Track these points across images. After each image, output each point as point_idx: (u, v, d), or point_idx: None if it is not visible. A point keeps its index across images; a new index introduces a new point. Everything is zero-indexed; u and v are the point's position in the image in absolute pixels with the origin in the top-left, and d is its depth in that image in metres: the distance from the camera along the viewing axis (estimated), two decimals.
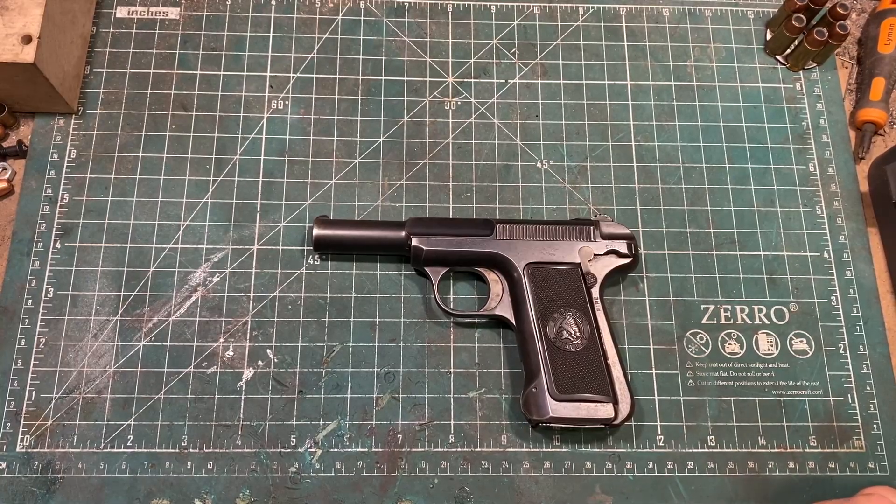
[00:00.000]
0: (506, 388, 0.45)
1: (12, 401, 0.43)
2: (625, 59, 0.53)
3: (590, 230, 0.45)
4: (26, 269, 0.46)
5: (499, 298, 0.45)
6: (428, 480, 0.43)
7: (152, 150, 0.49)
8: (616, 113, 0.52)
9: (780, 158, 0.51)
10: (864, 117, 0.51)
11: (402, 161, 0.50)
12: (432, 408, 0.44)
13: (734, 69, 0.53)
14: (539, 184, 0.50)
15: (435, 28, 0.54)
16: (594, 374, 0.42)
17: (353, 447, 0.43)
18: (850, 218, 0.49)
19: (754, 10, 0.55)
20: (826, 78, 0.53)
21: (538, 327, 0.42)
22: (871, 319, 0.47)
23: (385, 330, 0.46)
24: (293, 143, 0.50)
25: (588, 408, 0.41)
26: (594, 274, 0.44)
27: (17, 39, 0.44)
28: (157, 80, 0.51)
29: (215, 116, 0.50)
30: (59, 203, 0.48)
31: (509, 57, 0.53)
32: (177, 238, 0.47)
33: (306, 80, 0.52)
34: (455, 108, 0.51)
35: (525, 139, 0.51)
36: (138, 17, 0.53)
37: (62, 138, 0.49)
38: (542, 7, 0.54)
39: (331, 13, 0.54)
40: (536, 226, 0.45)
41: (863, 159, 0.51)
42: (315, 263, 0.47)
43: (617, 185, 0.50)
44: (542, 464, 0.43)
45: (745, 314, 0.47)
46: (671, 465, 0.43)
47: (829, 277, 0.48)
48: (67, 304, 0.45)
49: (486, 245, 0.44)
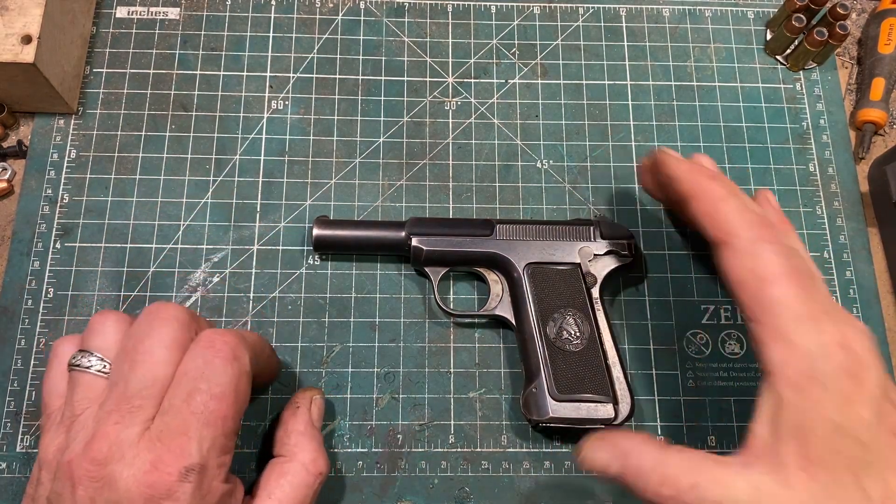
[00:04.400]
0: (506, 388, 0.45)
1: (12, 401, 0.43)
2: (625, 59, 0.53)
3: (590, 230, 0.45)
4: (26, 269, 0.46)
5: (499, 298, 0.45)
6: (428, 480, 0.43)
7: (152, 150, 0.49)
8: (616, 113, 0.52)
9: (780, 158, 0.51)
10: (864, 117, 0.51)
11: (402, 161, 0.50)
12: (432, 408, 0.44)
13: (734, 69, 0.53)
14: (539, 184, 0.50)
15: (435, 28, 0.54)
16: (594, 375, 0.42)
17: (353, 447, 0.43)
18: (850, 218, 0.50)
19: (754, 10, 0.55)
20: (826, 78, 0.53)
21: (538, 327, 0.42)
22: (871, 319, 0.47)
23: (385, 330, 0.46)
24: (293, 143, 0.50)
25: (588, 408, 0.41)
26: (594, 274, 0.44)
27: (17, 39, 0.44)
28: (156, 80, 0.51)
29: (215, 116, 0.50)
30: (59, 203, 0.48)
31: (509, 57, 0.53)
32: (177, 238, 0.47)
33: (306, 80, 0.52)
34: (455, 108, 0.51)
35: (525, 139, 0.51)
36: (138, 17, 0.53)
37: (62, 138, 0.49)
38: (542, 7, 0.54)
39: (331, 13, 0.54)
40: (536, 226, 0.45)
41: (863, 159, 0.51)
42: (315, 263, 0.47)
43: (617, 185, 0.50)
44: (542, 464, 0.43)
45: None
46: None
47: (829, 277, 0.48)
48: (67, 304, 0.45)
49: (486, 245, 0.44)
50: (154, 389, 0.32)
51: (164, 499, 0.29)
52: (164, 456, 0.30)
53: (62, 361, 0.35)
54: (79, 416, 0.32)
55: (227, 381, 0.32)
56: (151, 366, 0.32)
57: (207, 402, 0.31)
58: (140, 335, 0.33)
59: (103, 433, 0.30)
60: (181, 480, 0.30)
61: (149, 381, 0.32)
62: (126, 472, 0.29)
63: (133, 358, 0.32)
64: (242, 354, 0.34)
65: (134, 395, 0.31)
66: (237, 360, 0.33)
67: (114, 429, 0.30)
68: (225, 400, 0.32)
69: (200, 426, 0.31)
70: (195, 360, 0.32)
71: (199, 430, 0.31)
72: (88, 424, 0.32)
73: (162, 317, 0.33)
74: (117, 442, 0.30)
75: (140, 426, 0.31)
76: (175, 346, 0.33)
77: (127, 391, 0.31)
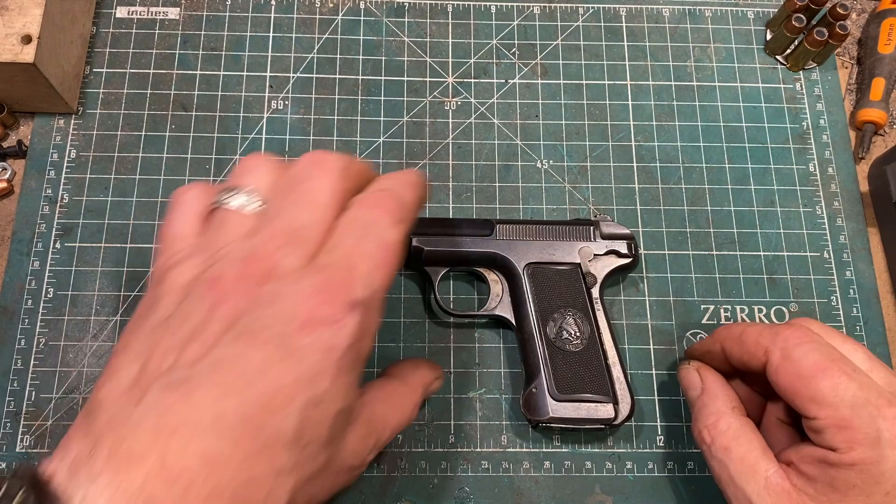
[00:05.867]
0: (506, 388, 0.45)
1: (12, 401, 0.43)
2: (625, 59, 0.53)
3: (590, 230, 0.45)
4: (26, 269, 0.46)
5: (499, 298, 0.45)
6: (428, 480, 0.43)
7: (152, 151, 0.49)
8: (616, 113, 0.52)
9: (780, 158, 0.51)
10: (864, 117, 0.51)
11: (402, 161, 0.50)
12: (432, 408, 0.44)
13: (734, 69, 0.53)
14: (539, 184, 0.50)
15: (435, 28, 0.54)
16: (594, 375, 0.42)
17: None
18: (850, 218, 0.50)
19: (754, 10, 0.55)
20: (826, 78, 0.53)
21: (538, 327, 0.42)
22: (871, 319, 0.47)
23: (385, 330, 0.46)
24: (293, 143, 0.50)
25: (588, 408, 0.41)
26: (594, 274, 0.44)
27: (16, 39, 0.44)
28: (156, 80, 0.51)
29: (215, 116, 0.50)
30: (59, 203, 0.48)
31: (509, 57, 0.53)
32: None
33: (306, 80, 0.52)
34: (455, 108, 0.51)
35: (525, 139, 0.51)
36: (138, 17, 0.53)
37: (62, 138, 0.49)
38: (542, 7, 0.54)
39: (331, 13, 0.54)
40: (536, 226, 0.45)
41: (863, 159, 0.51)
42: None
43: (617, 185, 0.50)
44: (542, 464, 0.43)
45: (745, 314, 0.47)
46: (671, 465, 0.43)
47: (829, 277, 0.48)
48: (67, 305, 0.45)
49: (486, 245, 0.44)
50: (318, 228, 0.29)
51: (326, 325, 0.26)
52: (331, 283, 0.27)
53: (190, 205, 0.31)
54: (223, 248, 0.29)
55: (394, 239, 0.30)
56: (316, 206, 0.29)
57: (377, 249, 0.29)
58: (302, 178, 0.30)
59: (264, 253, 0.28)
60: (348, 310, 0.27)
61: (314, 219, 0.29)
62: (287, 291, 0.26)
63: (295, 197, 0.29)
64: (409, 219, 0.31)
65: (298, 228, 0.28)
66: (404, 222, 0.30)
67: (276, 253, 0.28)
68: (393, 254, 0.29)
69: (370, 267, 0.28)
70: (364, 212, 0.30)
71: (368, 271, 0.28)
72: (237, 252, 0.28)
73: (327, 165, 0.30)
74: (279, 264, 0.27)
75: (303, 258, 0.28)
76: (339, 195, 0.30)
77: (290, 223, 0.29)
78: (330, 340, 0.26)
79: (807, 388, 0.32)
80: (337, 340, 0.26)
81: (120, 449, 0.23)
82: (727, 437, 0.34)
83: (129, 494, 0.22)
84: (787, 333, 0.34)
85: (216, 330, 0.26)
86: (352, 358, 0.27)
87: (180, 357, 0.26)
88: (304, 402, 0.25)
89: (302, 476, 0.26)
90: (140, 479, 0.23)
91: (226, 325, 0.26)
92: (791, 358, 0.33)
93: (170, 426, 0.24)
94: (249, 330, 0.26)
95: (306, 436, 0.26)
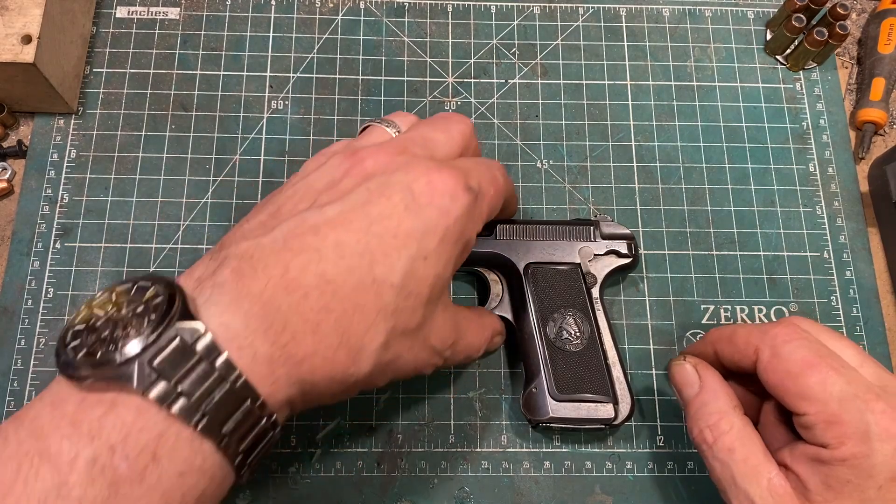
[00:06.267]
0: (506, 388, 0.45)
1: (12, 401, 0.43)
2: (625, 59, 0.53)
3: (590, 230, 0.45)
4: (26, 270, 0.46)
5: (499, 298, 0.45)
6: (428, 480, 0.43)
7: (152, 150, 0.49)
8: (616, 113, 0.52)
9: (780, 158, 0.51)
10: (864, 117, 0.51)
11: None
12: (432, 408, 0.44)
13: (734, 69, 0.53)
14: (539, 184, 0.50)
15: (435, 28, 0.54)
16: (594, 375, 0.42)
17: (353, 447, 0.43)
18: (850, 218, 0.50)
19: (754, 10, 0.55)
20: (826, 78, 0.53)
21: (538, 327, 0.42)
22: (871, 319, 0.47)
23: None
24: (293, 143, 0.50)
25: (588, 408, 0.41)
26: (594, 274, 0.44)
27: (16, 39, 0.44)
28: (156, 80, 0.51)
29: (215, 116, 0.50)
30: (59, 203, 0.48)
31: (509, 57, 0.53)
32: (177, 238, 0.47)
33: (306, 80, 0.52)
34: (455, 108, 0.51)
35: (525, 139, 0.51)
36: (138, 17, 0.53)
37: (62, 138, 0.49)
38: (542, 7, 0.54)
39: (331, 13, 0.54)
40: (536, 226, 0.45)
41: (863, 159, 0.51)
42: None
43: (617, 185, 0.50)
44: (542, 464, 0.43)
45: (745, 314, 0.47)
46: (671, 465, 0.44)
47: (829, 277, 0.48)
48: (67, 304, 0.45)
49: (486, 245, 0.44)
50: (447, 146, 0.34)
51: (446, 194, 0.30)
52: (454, 170, 0.31)
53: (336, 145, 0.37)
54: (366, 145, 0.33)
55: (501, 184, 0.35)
56: (449, 135, 0.34)
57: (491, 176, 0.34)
58: (432, 126, 0.35)
59: (400, 142, 0.32)
60: (464, 189, 0.31)
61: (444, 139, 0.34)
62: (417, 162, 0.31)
63: (434, 125, 0.35)
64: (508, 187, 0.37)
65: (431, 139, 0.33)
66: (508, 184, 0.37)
67: (411, 146, 0.32)
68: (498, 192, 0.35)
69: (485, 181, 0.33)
70: (483, 159, 0.36)
71: (481, 182, 0.33)
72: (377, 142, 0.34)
73: (454, 124, 0.35)
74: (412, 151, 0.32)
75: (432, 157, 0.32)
76: (467, 139, 0.35)
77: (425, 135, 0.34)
78: (447, 206, 0.30)
79: (795, 385, 0.32)
80: (452, 208, 0.30)
81: (245, 264, 0.27)
82: (731, 437, 0.34)
83: (251, 297, 0.26)
84: (776, 331, 0.34)
85: (350, 184, 0.30)
86: (458, 230, 0.31)
87: (315, 202, 0.30)
88: (414, 253, 0.29)
89: (399, 324, 0.29)
90: (261, 286, 0.26)
91: (360, 180, 0.30)
92: (780, 355, 0.33)
93: (295, 249, 0.27)
94: (379, 185, 0.30)
95: (409, 285, 0.29)
